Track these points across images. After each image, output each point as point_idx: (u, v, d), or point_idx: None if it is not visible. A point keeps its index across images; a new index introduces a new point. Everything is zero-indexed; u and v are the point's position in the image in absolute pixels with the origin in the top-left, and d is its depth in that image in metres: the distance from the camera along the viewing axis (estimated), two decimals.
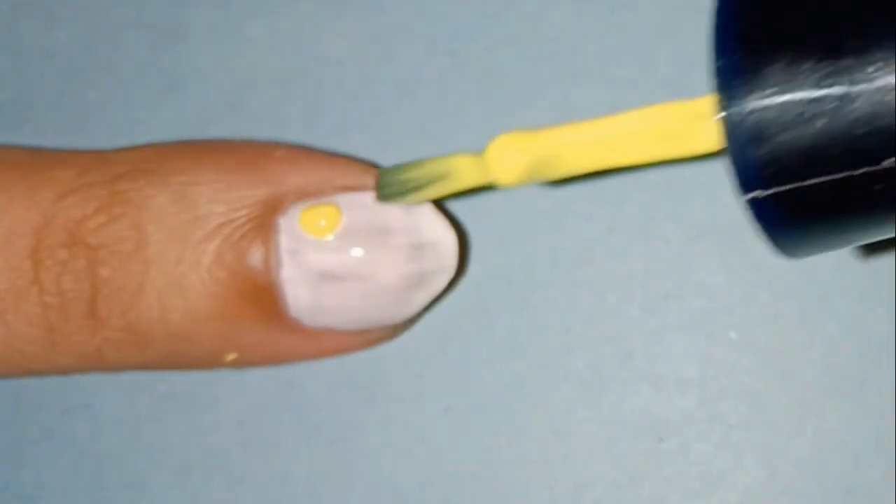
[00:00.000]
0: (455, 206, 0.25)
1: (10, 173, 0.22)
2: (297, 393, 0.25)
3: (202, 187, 0.22)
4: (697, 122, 0.19)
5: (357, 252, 0.22)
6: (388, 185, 0.22)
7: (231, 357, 0.23)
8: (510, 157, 0.20)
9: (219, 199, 0.22)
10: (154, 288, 0.22)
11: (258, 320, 0.22)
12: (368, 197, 0.22)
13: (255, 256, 0.22)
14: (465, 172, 0.21)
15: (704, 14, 0.25)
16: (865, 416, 0.24)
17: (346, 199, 0.22)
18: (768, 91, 0.17)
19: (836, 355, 0.24)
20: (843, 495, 0.24)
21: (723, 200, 0.24)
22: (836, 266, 0.24)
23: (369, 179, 0.23)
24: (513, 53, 0.25)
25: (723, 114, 0.18)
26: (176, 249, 0.22)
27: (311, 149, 0.24)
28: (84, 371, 0.23)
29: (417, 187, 0.21)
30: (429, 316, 0.24)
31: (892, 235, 0.18)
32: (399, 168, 0.22)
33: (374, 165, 0.23)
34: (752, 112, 0.17)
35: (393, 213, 0.22)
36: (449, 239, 0.22)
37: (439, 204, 0.23)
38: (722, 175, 0.25)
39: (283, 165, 0.23)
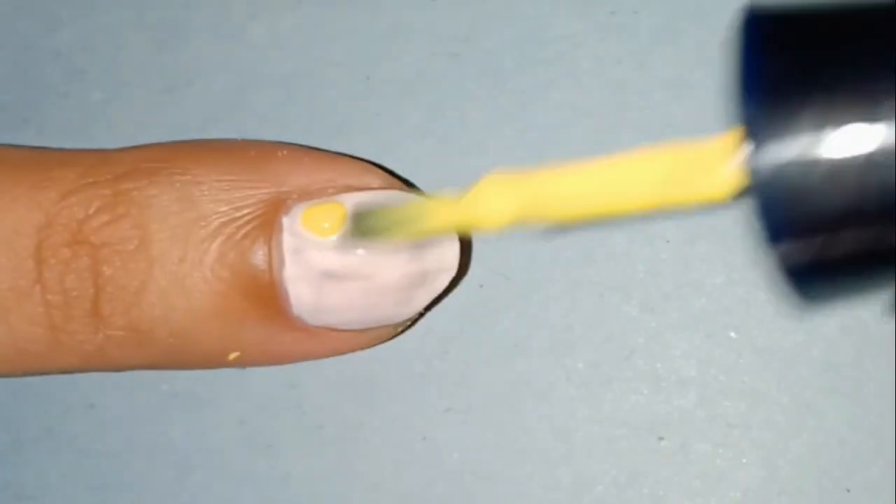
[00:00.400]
0: None
1: (13, 173, 0.22)
2: (298, 392, 0.25)
3: (205, 187, 0.22)
4: (709, 167, 0.17)
5: (359, 251, 0.22)
6: (364, 228, 0.21)
7: (233, 356, 0.23)
8: (496, 198, 0.18)
9: (221, 198, 0.22)
10: (157, 287, 0.22)
11: (260, 319, 0.22)
12: (371, 196, 0.22)
13: (258, 255, 0.22)
14: (443, 215, 0.20)
15: (704, 16, 0.25)
16: (865, 416, 0.24)
17: (349, 198, 0.22)
18: (802, 140, 0.16)
19: (836, 355, 0.24)
20: (843, 495, 0.24)
21: None
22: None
23: (372, 179, 0.23)
24: (514, 55, 0.25)
25: (753, 164, 0.16)
26: (178, 248, 0.22)
27: (314, 149, 0.24)
28: (86, 370, 0.23)
29: (393, 230, 0.20)
30: (430, 315, 0.25)
31: None
32: (375, 210, 0.21)
33: (376, 165, 0.23)
34: (787, 164, 0.16)
35: None
36: (451, 239, 0.22)
37: None
38: None
39: (285, 165, 0.23)
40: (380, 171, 0.23)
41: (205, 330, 0.22)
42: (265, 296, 0.22)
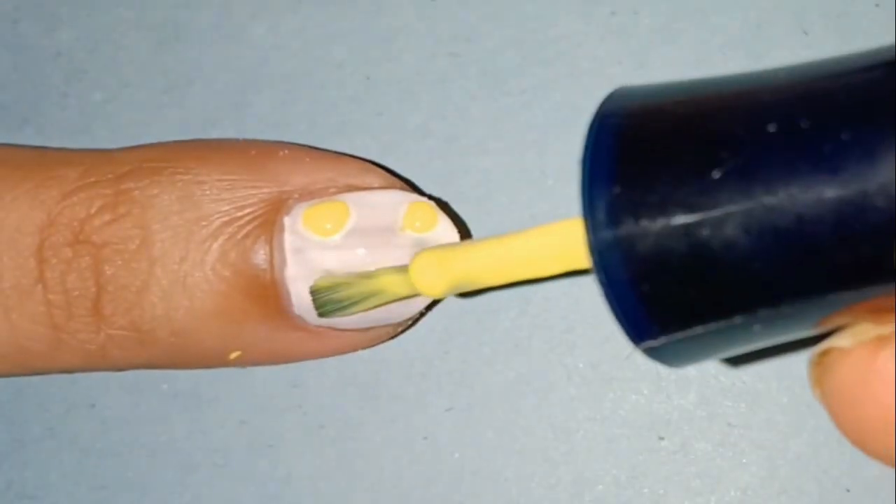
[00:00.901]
0: (457, 206, 0.25)
1: (15, 172, 0.23)
2: (299, 392, 0.25)
3: (206, 186, 0.22)
4: (578, 242, 0.19)
5: (361, 251, 0.22)
6: (324, 304, 0.22)
7: (234, 355, 0.23)
8: (431, 273, 0.21)
9: (223, 197, 0.22)
10: (158, 286, 0.22)
11: (262, 318, 0.22)
12: (372, 196, 0.22)
13: (259, 255, 0.22)
14: (394, 288, 0.22)
15: (704, 17, 0.25)
16: None
17: (351, 197, 0.22)
18: (637, 218, 0.17)
19: None
20: (843, 494, 0.24)
21: None
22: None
23: (373, 178, 0.23)
24: (514, 55, 0.25)
25: (589, 240, 0.18)
26: (180, 248, 0.22)
27: (315, 148, 0.24)
28: (88, 369, 0.23)
29: (352, 304, 0.22)
30: (431, 315, 0.25)
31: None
32: (332, 286, 0.22)
33: (377, 165, 0.23)
34: (619, 239, 0.17)
35: (397, 211, 0.22)
36: (452, 237, 0.22)
37: (442, 203, 0.23)
38: None
39: (287, 165, 0.23)
40: (380, 171, 0.23)
41: (206, 329, 0.22)
42: (266, 295, 0.22)
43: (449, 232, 0.22)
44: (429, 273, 0.21)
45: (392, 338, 0.24)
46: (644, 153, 0.17)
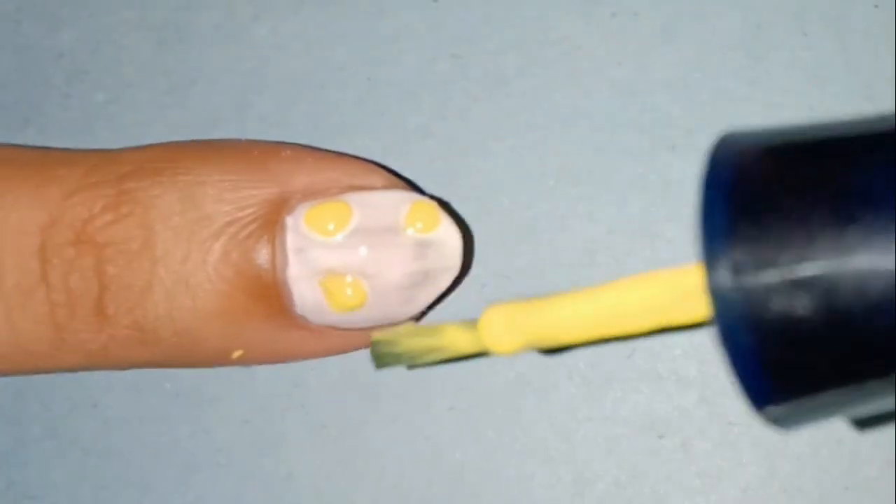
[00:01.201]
0: (459, 206, 0.25)
1: (17, 173, 0.23)
2: (302, 391, 0.25)
3: (208, 186, 0.22)
4: (689, 293, 0.18)
5: (363, 251, 0.22)
6: (383, 356, 0.21)
7: (237, 355, 0.23)
8: (503, 331, 0.20)
9: (225, 198, 0.22)
10: (161, 286, 0.22)
11: (264, 318, 0.22)
12: (374, 196, 0.22)
13: (262, 255, 0.22)
14: (458, 343, 0.21)
15: (704, 17, 0.25)
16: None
17: (353, 197, 0.22)
18: (760, 268, 0.16)
19: None
20: (843, 493, 0.24)
21: None
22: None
23: (375, 178, 0.23)
24: (515, 56, 0.25)
25: (712, 292, 0.16)
26: (182, 248, 0.22)
27: (318, 149, 0.24)
28: (90, 369, 0.23)
29: (411, 358, 0.21)
30: (432, 314, 0.25)
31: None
32: (393, 339, 0.21)
33: (379, 165, 0.23)
34: (742, 288, 0.16)
35: (399, 211, 0.22)
36: (454, 238, 0.22)
37: (444, 203, 0.23)
38: None
39: (289, 165, 0.23)
40: (383, 171, 0.23)
41: (209, 329, 0.22)
42: (269, 295, 0.22)
43: (451, 232, 0.22)
44: (500, 330, 0.20)
45: None
46: (770, 206, 0.16)
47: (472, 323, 0.20)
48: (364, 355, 0.24)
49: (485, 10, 0.25)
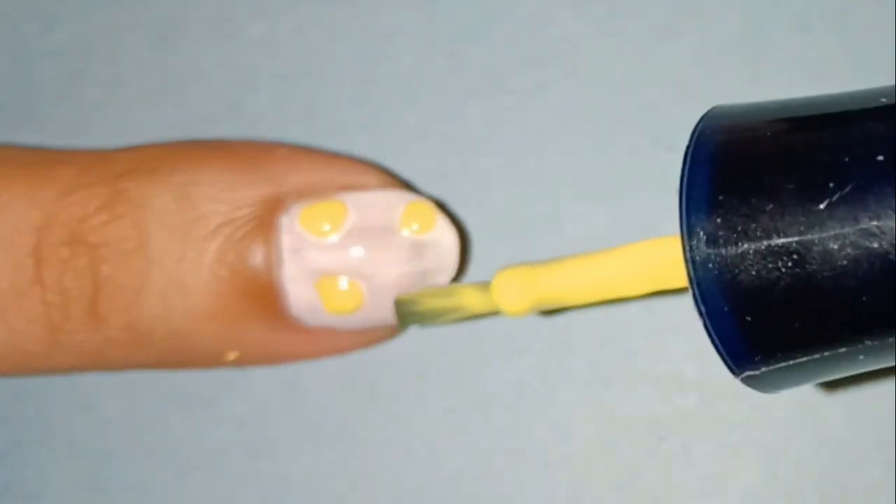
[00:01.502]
0: (456, 206, 0.25)
1: (12, 172, 0.23)
2: (297, 393, 0.25)
3: (203, 186, 0.22)
4: (672, 261, 0.19)
5: (358, 251, 0.22)
6: (406, 314, 0.22)
7: (232, 356, 0.23)
8: (514, 292, 0.21)
9: (220, 198, 0.22)
10: (155, 286, 0.22)
11: (259, 319, 0.22)
12: (370, 196, 0.22)
13: (257, 255, 0.22)
14: (473, 303, 0.22)
15: (704, 16, 0.25)
16: (865, 416, 0.24)
17: (349, 197, 0.22)
18: (740, 247, 0.17)
19: None
20: (843, 495, 0.24)
21: None
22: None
23: (371, 178, 0.23)
24: (513, 54, 0.25)
25: (689, 269, 0.18)
26: (177, 248, 0.22)
27: (313, 148, 0.24)
28: (85, 370, 0.23)
29: (432, 317, 0.22)
30: None
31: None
32: (415, 299, 0.22)
33: (375, 165, 0.23)
34: (721, 269, 0.17)
35: (396, 211, 0.22)
36: (450, 238, 0.22)
37: (441, 203, 0.23)
38: None
39: (284, 164, 0.23)
40: (379, 171, 0.23)
41: (203, 330, 0.22)
42: (264, 296, 0.22)
43: (447, 232, 0.22)
44: (511, 291, 0.21)
45: (390, 338, 0.24)
46: (746, 180, 0.17)
47: (485, 284, 0.21)
48: (361, 357, 0.24)
49: (483, 8, 0.25)
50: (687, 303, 0.24)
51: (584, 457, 0.25)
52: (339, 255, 0.22)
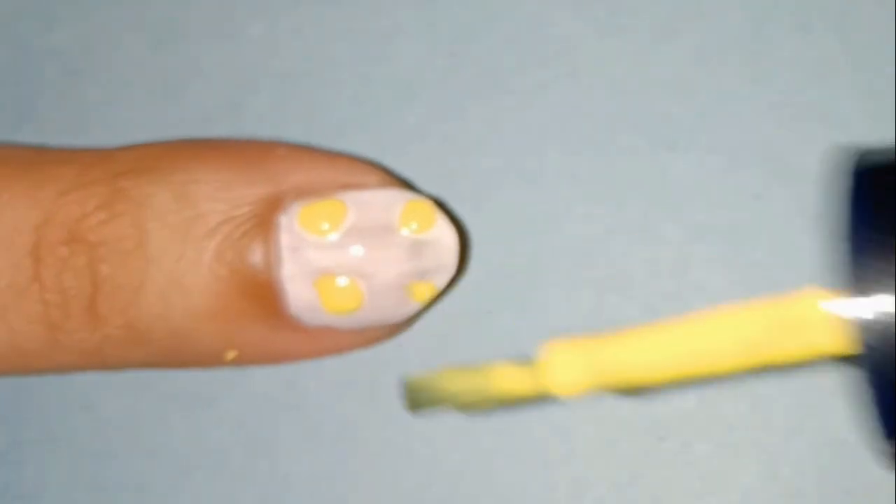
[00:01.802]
0: (455, 205, 0.25)
1: (11, 171, 0.23)
2: (297, 392, 0.25)
3: (203, 185, 0.22)
4: (792, 325, 0.17)
5: (358, 250, 0.22)
6: (418, 400, 0.19)
7: (231, 355, 0.23)
8: (569, 371, 0.18)
9: (219, 196, 0.22)
10: (155, 285, 0.22)
11: (258, 318, 0.22)
12: (369, 195, 0.22)
13: (256, 254, 0.22)
14: (510, 384, 0.18)
15: (704, 16, 0.25)
16: (865, 416, 0.24)
17: (348, 196, 0.22)
18: None
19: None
20: (843, 495, 0.24)
21: (723, 200, 0.25)
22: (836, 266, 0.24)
23: (370, 177, 0.23)
24: (513, 54, 0.25)
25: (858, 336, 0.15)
26: (176, 247, 0.22)
27: (313, 147, 0.24)
28: (84, 369, 0.23)
29: (454, 402, 0.19)
30: (429, 315, 0.24)
31: None
32: (430, 383, 0.19)
33: (374, 164, 0.23)
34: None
35: (395, 210, 0.22)
36: (450, 237, 0.22)
37: (440, 202, 0.23)
38: (722, 175, 0.25)
39: (284, 163, 0.23)
40: (378, 170, 0.23)
41: (203, 329, 0.22)
42: (263, 295, 0.22)
43: (447, 231, 0.22)
44: (567, 370, 0.18)
45: (390, 338, 0.24)
46: None
47: (527, 362, 0.18)
48: (361, 356, 0.24)
49: (483, 7, 0.25)
50: (687, 303, 0.24)
51: (584, 457, 0.24)
52: (338, 254, 0.22)
